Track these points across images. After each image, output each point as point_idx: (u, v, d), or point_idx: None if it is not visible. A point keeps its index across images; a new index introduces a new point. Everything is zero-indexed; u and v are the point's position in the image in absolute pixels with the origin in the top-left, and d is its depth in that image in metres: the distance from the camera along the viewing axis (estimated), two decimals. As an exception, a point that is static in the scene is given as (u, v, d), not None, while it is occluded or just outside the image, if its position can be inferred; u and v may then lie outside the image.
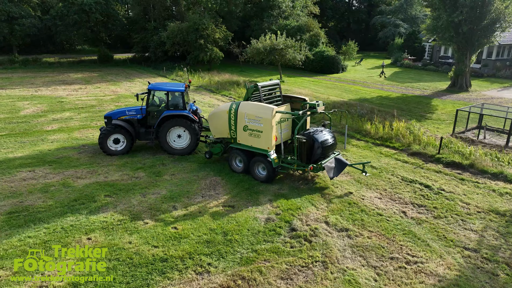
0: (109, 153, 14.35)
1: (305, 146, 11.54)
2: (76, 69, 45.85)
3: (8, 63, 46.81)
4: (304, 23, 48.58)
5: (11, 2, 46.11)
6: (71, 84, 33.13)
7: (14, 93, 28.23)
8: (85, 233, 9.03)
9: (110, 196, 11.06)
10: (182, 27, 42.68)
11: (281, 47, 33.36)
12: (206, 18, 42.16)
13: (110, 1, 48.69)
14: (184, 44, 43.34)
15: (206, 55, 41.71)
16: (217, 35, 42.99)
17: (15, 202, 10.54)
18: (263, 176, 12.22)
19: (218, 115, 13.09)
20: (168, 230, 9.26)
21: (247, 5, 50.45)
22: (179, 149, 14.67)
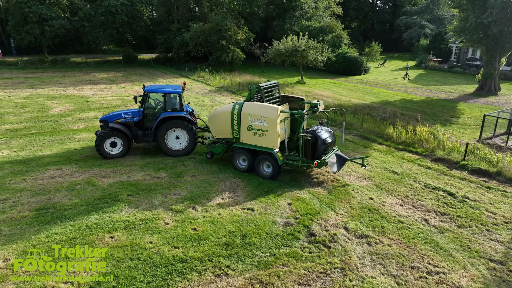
0: (106, 156, 14.26)
1: (310, 143, 12.09)
2: (102, 69, 47.13)
3: (38, 63, 48.67)
4: (327, 24, 48.19)
5: (42, 4, 47.90)
6: (97, 84, 34.09)
7: (43, 92, 29.31)
8: (108, 231, 9.30)
9: (132, 195, 11.34)
10: (204, 28, 43.19)
11: (303, 48, 33.24)
12: (228, 19, 42.49)
13: (136, 2, 49.78)
14: (207, 45, 43.83)
15: (228, 56, 42.03)
16: (239, 36, 43.24)
17: (43, 199, 10.97)
18: (268, 174, 12.67)
19: (220, 116, 13.42)
20: (188, 231, 9.42)
21: (269, 6, 50.47)
22: (178, 151, 14.80)
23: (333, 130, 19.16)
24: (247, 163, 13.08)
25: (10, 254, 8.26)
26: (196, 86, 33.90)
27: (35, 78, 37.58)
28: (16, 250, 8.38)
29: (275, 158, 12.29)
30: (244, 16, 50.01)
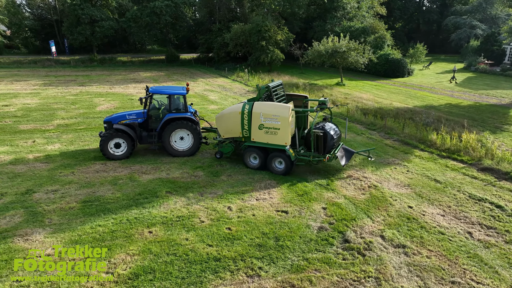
0: (110, 157, 14.31)
1: (321, 139, 12.80)
2: (145, 68, 48.99)
3: (88, 62, 51.48)
4: (369, 24, 46.96)
5: (93, 6, 50.63)
6: (140, 83, 35.48)
7: (92, 89, 31.00)
8: (147, 226, 9.69)
9: (170, 192, 11.72)
10: (245, 28, 43.62)
11: (343, 50, 32.64)
12: (268, 20, 42.62)
13: (179, 3, 51.25)
14: (246, 45, 44.25)
15: (267, 56, 42.15)
16: (279, 37, 43.23)
17: (89, 191, 11.64)
18: (280, 170, 13.17)
19: (229, 116, 13.77)
20: (222, 230, 9.59)
21: (310, 7, 50.02)
22: (182, 151, 14.92)
23: (373, 134, 18.70)
24: (259, 160, 13.47)
25: (58, 242, 8.85)
26: (234, 86, 34.33)
27: (84, 76, 39.81)
28: (64, 239, 8.97)
29: (288, 155, 12.81)
30: (284, 16, 49.92)
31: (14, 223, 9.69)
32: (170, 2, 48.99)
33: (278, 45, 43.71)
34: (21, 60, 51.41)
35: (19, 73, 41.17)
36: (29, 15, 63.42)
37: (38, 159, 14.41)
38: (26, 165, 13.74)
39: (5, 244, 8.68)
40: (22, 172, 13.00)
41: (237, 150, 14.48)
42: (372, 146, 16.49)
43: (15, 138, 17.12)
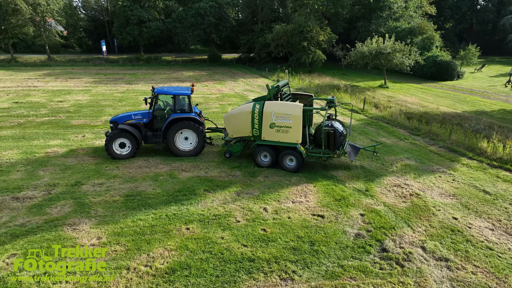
0: (115, 157, 14.40)
1: (333, 136, 13.25)
2: (188, 67, 50.33)
3: (135, 61, 53.82)
4: (417, 25, 45.05)
5: (142, 8, 52.81)
6: (183, 82, 36.51)
7: (138, 88, 32.36)
8: (184, 223, 9.97)
9: (208, 191, 11.96)
10: (287, 29, 43.52)
11: (388, 51, 31.60)
12: (311, 20, 42.22)
13: (223, 4, 52.15)
14: (288, 45, 44.13)
15: (308, 57, 41.79)
16: (321, 37, 42.69)
17: (131, 186, 12.16)
18: (292, 167, 13.52)
19: (238, 116, 14.03)
20: (257, 231, 9.64)
21: (354, 7, 48.88)
22: (186, 151, 14.93)
23: (417, 139, 17.94)
24: (270, 158, 13.77)
25: (102, 233, 9.33)
26: (274, 87, 34.31)
27: (131, 74, 41.65)
28: (107, 231, 9.44)
29: (300, 152, 13.21)
30: (327, 17, 49.21)
31: (64, 212, 10.36)
32: (214, 3, 50.00)
33: (320, 45, 43.18)
34: (75, 58, 54.76)
35: (73, 71, 43.88)
36: (83, 16, 67.49)
37: (87, 153, 15.27)
38: (76, 158, 14.61)
39: (55, 232, 9.30)
40: (72, 165, 13.85)
41: (246, 149, 14.77)
42: (416, 152, 15.85)
43: (67, 132, 18.27)
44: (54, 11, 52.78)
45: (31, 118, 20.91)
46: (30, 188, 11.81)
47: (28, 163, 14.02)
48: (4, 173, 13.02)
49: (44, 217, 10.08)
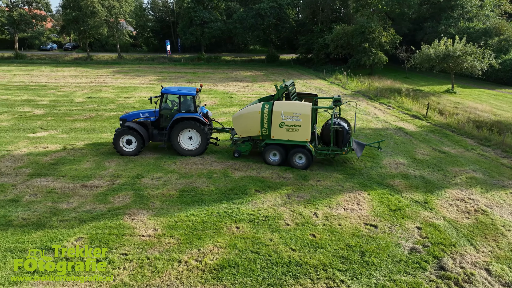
0: (121, 153, 14.87)
1: (341, 134, 13.75)
2: (246, 67, 51.18)
3: (196, 60, 56.00)
4: (493, 25, 41.41)
5: (205, 9, 54.73)
6: (241, 81, 37.22)
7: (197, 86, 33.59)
8: (235, 221, 10.17)
9: (259, 191, 12.08)
10: (347, 30, 42.45)
11: (457, 54, 29.41)
12: (374, 21, 40.69)
13: (283, 5, 52.23)
14: (348, 47, 43.02)
15: (369, 59, 40.36)
16: (384, 39, 41.01)
17: (187, 182, 12.69)
18: (301, 164, 13.90)
19: (247, 116, 14.32)
20: (306, 235, 9.54)
21: (422, 6, 46.22)
22: (190, 151, 15.05)
23: (487, 150, 16.54)
24: (279, 157, 14.12)
25: (158, 225, 9.85)
26: (331, 89, 33.68)
27: (192, 73, 43.37)
28: (163, 223, 9.95)
29: (309, 150, 13.65)
30: (391, 17, 47.10)
31: (125, 202, 11.11)
32: (274, 4, 50.30)
33: (382, 47, 41.50)
34: (142, 57, 58.35)
35: (140, 69, 46.79)
36: (151, 17, 71.61)
37: (148, 147, 16.18)
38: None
39: (117, 221, 10.01)
40: (135, 159, 14.77)
41: (254, 148, 15.07)
42: (484, 164, 14.62)
43: (131, 127, 19.52)
44: (126, 13, 56.74)
45: (101, 113, 22.68)
46: (97, 178, 12.84)
47: (96, 154, 15.24)
48: (76, 162, 14.29)
49: (108, 205, 10.90)
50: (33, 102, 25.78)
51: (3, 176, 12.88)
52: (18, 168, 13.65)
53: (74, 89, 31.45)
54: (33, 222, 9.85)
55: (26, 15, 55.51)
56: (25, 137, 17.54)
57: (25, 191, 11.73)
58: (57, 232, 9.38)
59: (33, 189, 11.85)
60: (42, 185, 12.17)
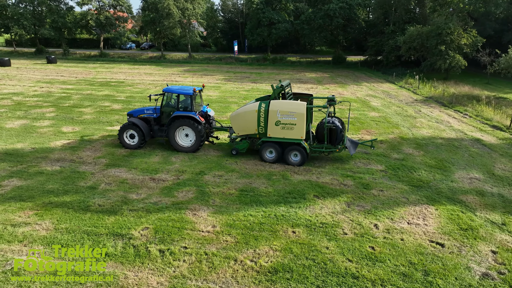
0: (125, 146, 15.98)
1: (335, 132, 14.35)
2: (312, 68, 50.64)
3: (262, 60, 56.76)
4: None
5: (273, 10, 55.20)
6: (305, 83, 36.94)
7: (261, 87, 34.06)
8: (291, 225, 10.15)
9: (318, 197, 11.91)
10: (422, 31, 39.93)
11: (553, 58, 26.10)
12: (453, 22, 37.69)
13: (354, 5, 50.69)
14: (421, 49, 40.47)
15: (445, 62, 37.51)
16: (463, 41, 37.82)
17: (246, 182, 12.94)
18: (296, 161, 14.37)
19: (244, 115, 14.82)
20: (365, 247, 9.20)
21: (512, 5, 41.76)
22: (185, 147, 15.63)
23: None
24: (275, 154, 14.59)
25: (217, 222, 10.20)
26: (401, 94, 31.96)
27: (257, 74, 44.04)
28: (221, 221, 10.27)
29: (304, 147, 14.13)
30: (474, 17, 43.25)
31: (188, 197, 11.67)
32: (344, 4, 49.06)
33: (461, 50, 38.31)
34: (210, 57, 60.65)
35: (208, 68, 48.72)
36: (221, 18, 74.13)
37: (212, 146, 16.80)
38: (203, 150, 16.21)
39: (179, 214, 10.56)
40: (198, 156, 15.44)
41: (251, 146, 15.34)
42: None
43: (197, 124, 20.42)
44: (198, 14, 59.41)
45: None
46: (164, 172, 13.66)
47: (164, 149, 16.19)
48: (146, 156, 15.34)
49: (172, 199, 11.54)
50: (112, 97, 28.16)
51: (84, 165, 14.29)
52: (97, 158, 15.04)
53: (148, 86, 33.75)
54: (107, 209, 10.79)
55: (111, 17, 60.83)
56: (104, 129, 19.25)
57: (102, 179, 12.89)
58: (127, 220, 10.17)
59: (108, 178, 12.98)
60: (116, 175, 13.27)
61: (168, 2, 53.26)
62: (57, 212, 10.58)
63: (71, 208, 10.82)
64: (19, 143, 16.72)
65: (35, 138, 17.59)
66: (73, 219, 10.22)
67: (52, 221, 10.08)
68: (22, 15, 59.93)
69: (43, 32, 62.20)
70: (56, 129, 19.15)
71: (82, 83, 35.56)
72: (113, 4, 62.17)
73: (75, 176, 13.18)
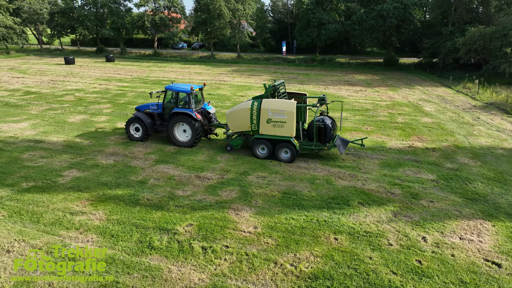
0: (130, 138, 17.29)
1: (323, 130, 14.77)
2: (361, 70, 49.23)
3: (310, 61, 56.17)
4: None
5: (324, 10, 54.40)
6: (353, 85, 36.01)
7: (308, 88, 33.73)
8: (334, 232, 9.96)
9: (362, 204, 11.57)
10: (485, 32, 37.29)
11: None
12: (521, 22, 34.75)
13: (409, 5, 48.53)
14: (483, 51, 37.80)
15: (510, 66, 34.69)
16: (533, 43, 34.69)
17: (289, 184, 12.90)
18: (286, 158, 14.88)
19: (238, 112, 15.47)
20: (411, 261, 8.79)
21: None
22: (182, 142, 16.50)
23: None
24: (267, 151, 15.12)
25: (259, 224, 10.27)
26: (457, 99, 30.07)
27: (304, 75, 43.67)
28: (263, 222, 10.33)
29: (294, 145, 14.52)
30: (546, 17, 39.50)
31: (231, 197, 11.88)
32: (399, 4, 47.09)
33: (529, 52, 35.17)
34: (258, 57, 61.12)
35: (255, 69, 49.14)
36: (271, 19, 74.42)
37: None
38: (246, 150, 16.35)
39: (222, 213, 10.78)
40: (243, 156, 15.64)
41: (245, 143, 15.94)
42: None
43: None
44: (248, 15, 60.10)
45: (217, 109, 24.56)
46: (209, 170, 14.01)
47: (210, 148, 16.61)
48: (193, 154, 15.83)
49: (216, 197, 11.80)
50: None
51: (135, 160, 15.06)
52: (147, 154, 15.78)
53: (197, 85, 34.76)
54: (155, 204, 11.29)
55: (165, 18, 63.53)
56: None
57: (151, 175, 13.51)
58: (172, 216, 10.57)
59: (157, 174, 13.57)
60: (164, 171, 13.84)
61: (219, 3, 54.47)
62: (109, 203, 11.26)
63: (122, 200, 11.46)
64: (79, 137, 18.01)
65: (93, 132, 18.85)
66: (123, 211, 10.82)
67: (105, 212, 10.74)
68: (86, 16, 64.54)
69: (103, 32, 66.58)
70: (112, 125, 20.36)
71: (137, 81, 37.48)
72: (168, 5, 64.87)
73: (127, 170, 13.93)
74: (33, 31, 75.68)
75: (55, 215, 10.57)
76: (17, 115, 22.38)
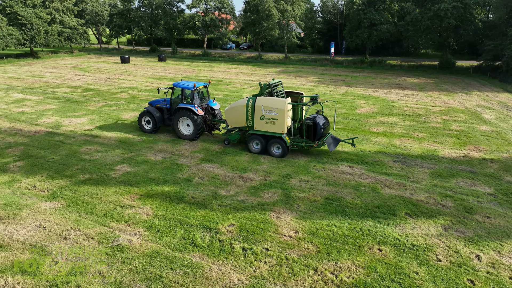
0: (142, 130, 18.85)
1: (312, 128, 15.31)
2: (413, 73, 47.01)
3: (359, 63, 54.64)
4: None
5: (376, 11, 52.64)
6: (404, 89, 34.48)
7: (356, 91, 32.83)
8: (378, 242, 9.61)
9: (410, 215, 11.05)
10: (557, 34, 33.94)
11: None
12: None
13: (470, 4, 45.50)
14: (554, 55, 34.44)
15: None
16: None
17: (333, 190, 12.64)
18: (278, 154, 15.61)
19: (235, 109, 16.22)
20: (462, 280, 8.25)
21: None
22: (185, 135, 17.72)
23: None
24: (260, 146, 15.88)
25: (300, 228, 10.18)
26: (522, 106, 27.68)
27: (353, 77, 42.55)
28: (304, 227, 10.23)
29: (285, 141, 15.24)
30: None
31: (273, 199, 11.89)
32: (458, 4, 44.29)
33: None
34: (306, 58, 60.50)
35: (302, 70, 48.72)
36: (320, 19, 73.40)
37: (300, 149, 16.78)
38: (290, 153, 16.28)
39: (264, 215, 10.82)
40: (287, 159, 15.57)
41: (243, 138, 16.80)
42: None
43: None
44: (297, 16, 59.74)
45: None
46: (252, 171, 14.12)
47: (254, 149, 16.74)
48: (237, 154, 16.06)
49: (258, 199, 11.87)
50: (212, 95, 30.05)
51: (182, 157, 15.57)
52: (194, 152, 16.25)
53: (243, 85, 35.19)
54: (199, 202, 11.60)
55: (215, 19, 64.98)
56: (202, 125, 20.68)
57: (196, 173, 13.89)
58: (215, 215, 10.79)
59: (202, 173, 13.93)
60: (209, 170, 14.17)
61: (269, 4, 54.64)
62: (156, 199, 11.75)
63: (168, 197, 11.91)
64: (131, 133, 18.97)
65: (144, 129, 19.77)
66: (169, 207, 11.24)
67: (152, 207, 11.22)
68: (142, 17, 67.78)
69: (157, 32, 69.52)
70: (161, 122, 21.22)
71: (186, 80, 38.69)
72: (218, 6, 66.27)
73: (174, 167, 14.45)
74: (94, 31, 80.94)
75: (107, 207, 11.23)
76: (77, 110, 24.07)
